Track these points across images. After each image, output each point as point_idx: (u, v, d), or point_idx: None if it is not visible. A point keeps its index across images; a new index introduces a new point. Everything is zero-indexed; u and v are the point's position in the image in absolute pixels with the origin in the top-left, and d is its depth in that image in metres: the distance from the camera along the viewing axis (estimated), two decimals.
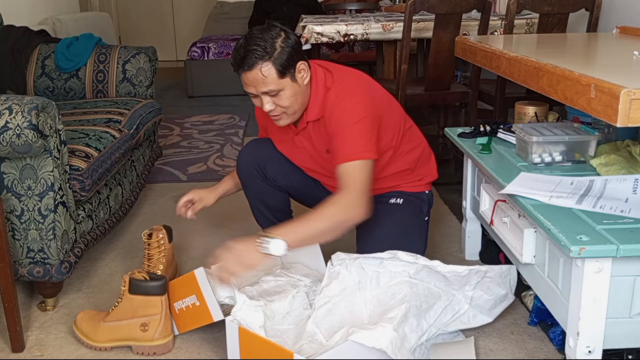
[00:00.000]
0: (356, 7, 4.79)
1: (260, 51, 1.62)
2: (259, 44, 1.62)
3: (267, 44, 1.62)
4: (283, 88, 1.66)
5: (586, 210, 1.47)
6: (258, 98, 1.70)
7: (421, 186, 1.97)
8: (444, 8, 2.72)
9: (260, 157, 1.95)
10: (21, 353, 1.74)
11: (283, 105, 1.70)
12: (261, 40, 1.63)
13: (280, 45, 1.64)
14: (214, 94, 5.54)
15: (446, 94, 3.03)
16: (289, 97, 1.69)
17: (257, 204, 2.02)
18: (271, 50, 1.63)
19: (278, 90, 1.66)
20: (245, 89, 1.70)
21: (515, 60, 1.74)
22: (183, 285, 1.73)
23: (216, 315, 1.67)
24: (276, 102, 1.69)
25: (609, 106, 1.24)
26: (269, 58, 1.62)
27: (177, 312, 1.76)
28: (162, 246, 1.98)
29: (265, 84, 1.65)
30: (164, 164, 3.47)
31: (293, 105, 1.71)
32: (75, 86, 2.97)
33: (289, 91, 1.68)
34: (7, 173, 1.77)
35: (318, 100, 1.76)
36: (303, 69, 1.70)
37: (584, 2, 2.73)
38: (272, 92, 1.66)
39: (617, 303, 1.38)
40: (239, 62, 1.65)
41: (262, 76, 1.63)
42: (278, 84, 1.65)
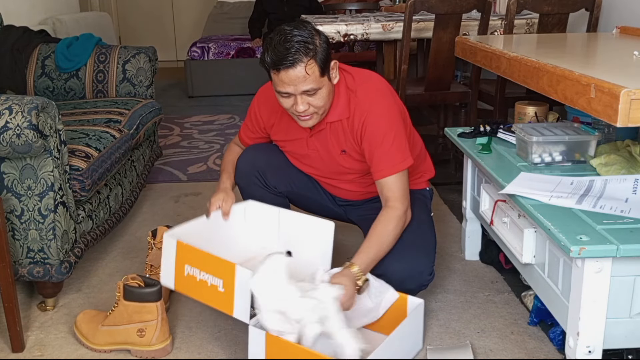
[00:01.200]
0: (356, 7, 4.79)
1: (304, 48, 1.56)
2: (301, 41, 1.56)
3: (309, 41, 1.57)
4: (322, 87, 1.63)
5: (586, 210, 1.47)
6: (290, 98, 1.64)
7: (422, 183, 1.98)
8: (444, 8, 2.72)
9: (260, 164, 1.93)
10: (21, 353, 1.74)
11: (317, 105, 1.65)
12: (300, 37, 1.57)
13: (319, 42, 1.60)
14: (214, 94, 5.54)
15: (446, 94, 3.03)
16: (324, 97, 1.66)
17: None
18: (313, 48, 1.58)
19: (317, 88, 1.62)
20: (281, 88, 1.62)
21: (515, 60, 1.74)
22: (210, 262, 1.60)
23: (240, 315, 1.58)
24: (310, 102, 1.64)
25: (609, 106, 1.24)
26: (313, 55, 1.58)
27: (185, 276, 1.65)
28: None
29: (307, 82, 1.59)
30: (164, 164, 3.47)
31: (325, 105, 1.68)
32: (75, 86, 2.97)
33: (325, 90, 1.65)
34: (7, 173, 1.77)
35: (340, 101, 1.74)
36: (334, 67, 1.68)
37: (584, 2, 2.73)
38: (311, 91, 1.61)
39: (617, 303, 1.38)
40: (280, 59, 1.56)
41: (305, 74, 1.57)
42: (319, 82, 1.61)
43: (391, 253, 1.72)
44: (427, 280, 1.76)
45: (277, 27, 1.65)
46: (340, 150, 1.80)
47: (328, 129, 1.78)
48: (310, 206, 2.04)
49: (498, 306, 1.91)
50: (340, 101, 1.74)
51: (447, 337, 1.76)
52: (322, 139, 1.81)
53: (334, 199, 2.00)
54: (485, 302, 1.94)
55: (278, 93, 1.65)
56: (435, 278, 2.07)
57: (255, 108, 1.92)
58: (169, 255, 1.69)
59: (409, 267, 1.72)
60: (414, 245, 1.74)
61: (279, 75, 1.59)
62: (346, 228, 2.42)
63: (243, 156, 1.96)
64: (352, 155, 1.80)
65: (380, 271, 1.73)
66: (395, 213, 1.69)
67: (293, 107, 1.65)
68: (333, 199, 2.00)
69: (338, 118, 1.75)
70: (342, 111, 1.74)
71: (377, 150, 1.71)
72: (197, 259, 1.63)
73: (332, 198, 2.00)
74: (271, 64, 1.59)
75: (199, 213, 2.02)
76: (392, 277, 1.71)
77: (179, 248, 1.66)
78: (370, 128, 1.71)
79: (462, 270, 2.15)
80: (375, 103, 1.72)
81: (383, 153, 1.70)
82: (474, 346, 1.71)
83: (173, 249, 1.67)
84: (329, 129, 1.78)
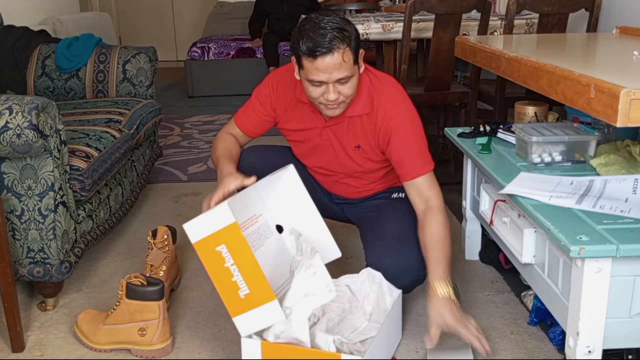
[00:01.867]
0: (356, 7, 4.79)
1: (340, 35, 1.54)
2: (337, 28, 1.55)
3: (343, 27, 1.56)
4: (354, 75, 1.63)
5: (586, 210, 1.47)
6: (322, 87, 1.61)
7: None
8: (443, 8, 2.72)
9: (258, 167, 1.90)
10: (21, 353, 1.74)
11: (347, 94, 1.64)
12: (336, 24, 1.55)
13: (351, 30, 1.59)
14: (214, 94, 5.54)
15: (446, 94, 3.03)
16: (354, 85, 1.65)
17: None
18: (348, 34, 1.57)
19: (350, 76, 1.61)
20: (314, 76, 1.58)
21: (515, 60, 1.74)
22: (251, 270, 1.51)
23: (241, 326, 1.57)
24: (341, 91, 1.62)
25: (609, 106, 1.24)
26: (349, 43, 1.57)
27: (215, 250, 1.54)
28: (166, 247, 1.98)
29: (342, 70, 1.57)
30: (164, 164, 3.47)
31: (354, 94, 1.68)
32: (75, 86, 2.97)
33: (355, 79, 1.64)
34: (7, 173, 1.77)
35: (362, 96, 1.73)
36: (362, 56, 1.67)
37: (584, 2, 2.73)
38: (345, 78, 1.60)
39: (617, 303, 1.38)
40: (317, 45, 1.53)
41: (342, 61, 1.56)
42: (352, 70, 1.61)
43: (386, 248, 1.73)
44: (422, 275, 1.75)
45: (305, 17, 1.63)
46: (354, 145, 1.80)
47: (346, 122, 1.78)
48: None
49: (498, 306, 1.91)
50: (363, 96, 1.73)
51: (447, 337, 1.76)
52: (338, 132, 1.80)
53: (331, 197, 2.00)
54: (485, 302, 1.94)
55: (308, 82, 1.62)
56: None
57: (269, 90, 1.86)
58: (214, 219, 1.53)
59: (404, 262, 1.72)
60: (410, 241, 1.74)
61: (314, 62, 1.56)
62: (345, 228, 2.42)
63: (242, 158, 1.93)
64: (367, 151, 1.80)
65: (375, 266, 1.73)
66: (442, 213, 1.72)
67: (323, 95, 1.63)
68: (330, 196, 2.00)
69: (359, 113, 1.75)
70: (364, 106, 1.74)
71: (407, 152, 1.73)
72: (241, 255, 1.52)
73: (329, 195, 2.00)
74: (307, 51, 1.55)
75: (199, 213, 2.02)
76: (387, 272, 1.72)
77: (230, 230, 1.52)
78: (399, 129, 1.72)
79: (462, 270, 2.15)
80: (400, 105, 1.74)
81: (413, 154, 1.73)
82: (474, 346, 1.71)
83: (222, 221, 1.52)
84: (347, 122, 1.78)
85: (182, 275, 2.15)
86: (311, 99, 1.68)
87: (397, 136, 1.73)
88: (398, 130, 1.73)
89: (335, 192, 1.98)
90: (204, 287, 2.07)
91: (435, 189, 1.74)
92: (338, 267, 2.18)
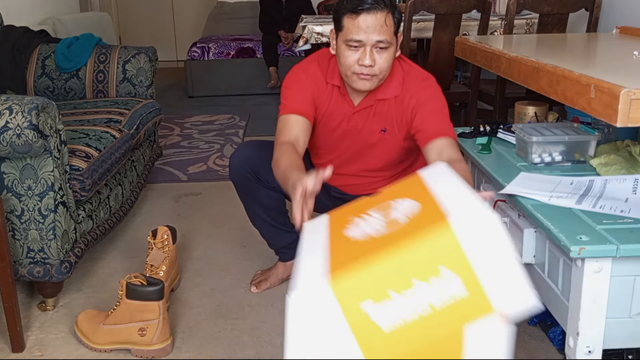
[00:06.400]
0: None
1: (387, 1, 1.60)
2: None
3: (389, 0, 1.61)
4: (392, 45, 1.64)
5: (586, 210, 1.47)
6: (359, 50, 1.62)
7: None
8: (443, 8, 2.72)
9: (253, 161, 1.92)
10: (21, 353, 1.74)
11: (381, 66, 1.65)
12: None
13: (396, 5, 1.64)
14: (214, 94, 5.54)
15: (446, 94, 3.00)
16: (389, 59, 1.66)
17: (252, 206, 2.01)
18: (394, 6, 1.62)
19: (389, 45, 1.62)
20: (354, 34, 1.59)
21: (515, 60, 1.74)
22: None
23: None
24: (376, 60, 1.63)
25: (609, 106, 1.24)
26: (392, 10, 1.61)
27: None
28: (166, 247, 1.98)
29: (382, 33, 1.59)
30: (164, 164, 3.47)
31: (387, 70, 1.68)
32: (75, 86, 2.97)
33: (392, 52, 1.66)
34: (7, 173, 1.77)
35: (394, 79, 1.75)
36: (400, 38, 1.69)
37: (584, 2, 2.73)
38: (384, 43, 1.61)
39: (617, 303, 1.38)
40: (362, 1, 1.58)
41: (383, 23, 1.59)
42: (392, 38, 1.62)
43: None
44: None
45: None
46: (380, 129, 1.81)
47: (375, 106, 1.79)
48: None
49: None
50: (394, 79, 1.76)
51: None
52: (366, 116, 1.81)
53: (328, 191, 1.98)
54: None
55: (347, 43, 1.62)
56: None
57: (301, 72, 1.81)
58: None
59: None
60: None
61: (356, 19, 1.59)
62: None
63: (236, 153, 1.95)
64: (393, 134, 1.81)
65: None
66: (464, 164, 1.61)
67: (358, 62, 1.63)
68: (327, 191, 1.98)
69: (390, 95, 1.77)
70: (395, 89, 1.76)
71: (430, 117, 1.71)
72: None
73: (326, 190, 1.98)
74: (351, 7, 1.58)
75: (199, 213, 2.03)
76: None
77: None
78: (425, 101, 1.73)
79: None
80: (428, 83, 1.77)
81: (435, 119, 1.71)
82: None
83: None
84: (377, 106, 1.79)
85: (182, 275, 2.15)
86: (345, 68, 1.67)
87: (422, 107, 1.73)
88: (424, 102, 1.73)
89: (336, 185, 1.97)
90: (204, 287, 2.07)
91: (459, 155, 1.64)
92: None
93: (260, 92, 5.46)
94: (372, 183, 1.92)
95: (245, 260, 2.27)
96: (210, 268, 2.21)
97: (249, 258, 2.28)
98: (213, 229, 2.55)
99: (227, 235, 2.49)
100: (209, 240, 2.44)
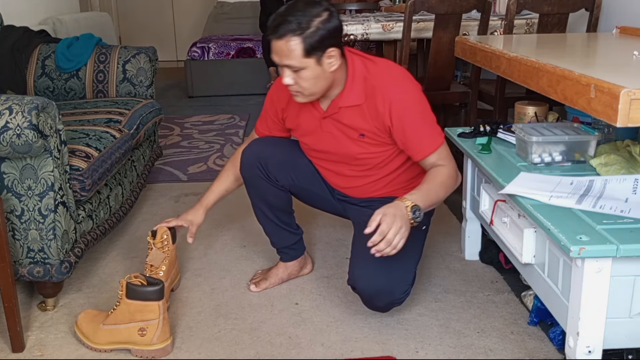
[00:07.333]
0: (356, 7, 4.79)
1: (294, 24, 1.60)
2: (296, 17, 1.61)
3: (303, 19, 1.61)
4: (305, 67, 1.65)
5: (586, 210, 1.47)
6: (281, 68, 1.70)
7: None
8: (443, 8, 2.72)
9: (263, 156, 1.94)
10: (21, 353, 1.74)
11: (301, 86, 1.68)
12: (300, 14, 1.61)
13: (317, 25, 1.62)
14: (214, 94, 5.54)
15: (446, 94, 3.03)
16: (309, 79, 1.67)
17: (259, 203, 2.02)
18: (305, 27, 1.61)
19: (300, 67, 1.64)
20: (271, 56, 1.69)
21: (515, 60, 1.74)
22: None
23: None
24: (296, 80, 1.67)
25: (609, 106, 1.24)
26: (300, 34, 1.60)
27: None
28: (166, 247, 1.98)
29: (288, 58, 1.63)
30: (164, 164, 3.47)
31: (311, 88, 1.70)
32: (75, 86, 2.97)
33: (310, 72, 1.66)
34: (7, 173, 1.77)
35: (355, 87, 1.75)
36: (333, 55, 1.68)
37: (584, 2, 2.73)
38: (293, 67, 1.65)
39: (617, 303, 1.38)
40: (272, 28, 1.64)
41: (287, 49, 1.62)
42: (301, 62, 1.64)
43: (363, 267, 1.72)
44: (398, 299, 1.75)
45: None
46: (358, 134, 1.80)
47: (343, 113, 1.79)
48: (312, 200, 2.04)
49: (498, 306, 1.91)
50: (355, 87, 1.75)
51: (447, 337, 1.76)
52: (337, 123, 1.81)
53: (334, 193, 1.99)
54: (485, 302, 1.94)
55: None
56: (435, 278, 2.08)
57: (273, 94, 1.94)
58: None
59: (379, 284, 1.71)
60: (391, 261, 1.63)
61: (271, 42, 1.66)
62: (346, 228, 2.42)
63: (249, 147, 1.98)
64: (372, 139, 1.80)
65: (352, 284, 1.78)
66: (443, 168, 1.71)
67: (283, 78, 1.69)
68: (332, 192, 1.99)
69: (352, 103, 1.76)
70: (357, 97, 1.75)
71: (412, 131, 1.73)
72: None
73: (332, 191, 1.99)
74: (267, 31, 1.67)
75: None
76: (361, 293, 1.76)
77: None
78: (400, 109, 1.72)
79: (462, 270, 2.15)
80: (399, 83, 1.75)
81: (418, 133, 1.73)
82: (474, 346, 1.72)
83: None
84: (345, 113, 1.79)
85: (182, 275, 2.15)
86: None
87: (399, 117, 1.72)
88: (399, 110, 1.72)
89: (337, 187, 1.97)
90: (204, 287, 2.07)
91: (447, 161, 1.73)
92: (338, 267, 2.19)
93: (260, 92, 5.46)
94: (373, 183, 1.90)
95: (245, 260, 2.27)
96: (210, 268, 2.21)
97: (249, 258, 2.28)
98: (213, 229, 2.55)
99: (227, 235, 2.49)
100: (209, 240, 2.44)
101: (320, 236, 2.43)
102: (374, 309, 1.80)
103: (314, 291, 2.03)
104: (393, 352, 1.70)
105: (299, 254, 2.09)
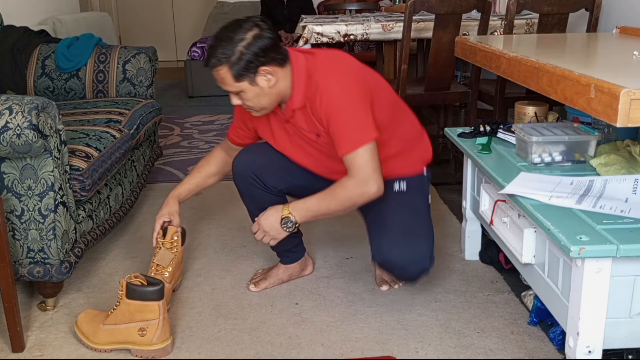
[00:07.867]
0: (356, 7, 4.79)
1: (219, 54, 1.65)
2: (220, 46, 1.66)
3: (227, 48, 1.65)
4: (242, 90, 1.70)
5: (586, 210, 1.47)
6: None
7: (417, 168, 1.96)
8: (444, 8, 2.72)
9: (256, 166, 1.93)
10: (21, 353, 1.74)
11: (248, 105, 1.75)
12: (225, 42, 1.66)
13: (241, 50, 1.64)
14: (214, 94, 5.53)
15: (446, 94, 3.03)
16: (251, 98, 1.72)
17: (255, 211, 1.98)
18: (229, 55, 1.65)
19: (237, 91, 1.71)
20: None
21: (515, 60, 1.74)
22: None
23: None
24: (241, 100, 1.74)
25: (609, 106, 1.24)
26: (226, 63, 1.65)
27: None
28: (175, 248, 1.98)
29: (224, 84, 1.70)
30: (164, 164, 3.47)
31: (256, 105, 1.75)
32: (75, 86, 2.97)
33: (249, 93, 1.71)
34: (7, 173, 1.77)
35: (301, 88, 1.75)
36: (268, 72, 1.69)
37: (584, 2, 2.73)
38: (232, 92, 1.72)
39: (617, 303, 1.38)
40: (204, 60, 1.72)
41: (219, 77, 1.69)
42: (235, 86, 1.70)
43: (394, 241, 1.76)
44: (428, 264, 1.81)
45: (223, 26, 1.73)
46: (315, 135, 1.81)
47: (297, 115, 1.80)
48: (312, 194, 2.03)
49: (498, 306, 1.91)
50: (300, 88, 1.76)
51: (447, 337, 1.76)
52: (295, 124, 1.83)
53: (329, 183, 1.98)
54: (485, 302, 1.94)
55: None
56: (435, 278, 2.08)
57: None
58: None
59: (410, 252, 1.76)
60: (413, 231, 1.78)
61: None
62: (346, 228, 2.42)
63: (239, 158, 1.97)
64: (327, 137, 1.79)
65: (382, 258, 1.79)
66: (350, 180, 1.70)
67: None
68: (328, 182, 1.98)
69: (299, 105, 1.77)
70: (300, 100, 1.77)
71: (336, 127, 1.71)
72: None
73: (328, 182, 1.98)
74: None
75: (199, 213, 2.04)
76: (396, 263, 1.78)
77: None
78: (327, 108, 1.71)
79: (462, 270, 2.15)
80: (331, 76, 1.73)
81: (342, 130, 1.70)
82: (474, 346, 1.72)
83: None
84: (297, 115, 1.80)
85: (183, 275, 2.15)
86: None
87: (328, 111, 1.72)
88: (328, 105, 1.71)
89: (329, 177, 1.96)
90: (204, 287, 2.07)
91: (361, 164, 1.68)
92: (338, 267, 2.19)
93: None
94: None
95: (245, 260, 2.27)
96: (210, 268, 2.21)
97: (249, 258, 2.28)
98: (213, 229, 2.55)
99: (227, 235, 2.49)
100: (209, 240, 2.44)
101: (320, 236, 2.43)
102: (406, 277, 1.86)
103: (314, 291, 2.03)
104: (393, 352, 1.70)
105: (299, 256, 2.09)
